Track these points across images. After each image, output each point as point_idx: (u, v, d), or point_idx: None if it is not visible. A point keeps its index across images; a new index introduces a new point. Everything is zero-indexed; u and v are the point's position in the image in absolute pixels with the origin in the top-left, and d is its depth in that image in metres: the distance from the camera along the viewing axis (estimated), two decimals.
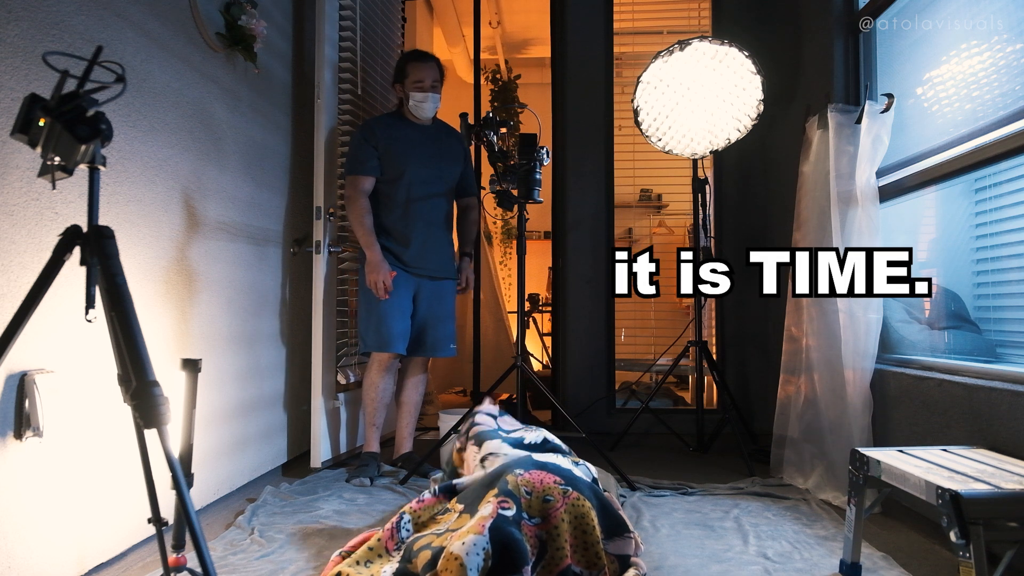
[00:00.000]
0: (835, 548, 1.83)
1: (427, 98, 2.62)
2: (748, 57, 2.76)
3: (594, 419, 3.47)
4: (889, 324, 2.41)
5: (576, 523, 1.48)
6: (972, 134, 1.98)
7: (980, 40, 2.07)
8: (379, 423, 2.66)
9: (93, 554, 1.62)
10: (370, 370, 2.66)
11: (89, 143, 1.13)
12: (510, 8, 5.63)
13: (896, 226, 2.50)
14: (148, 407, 1.10)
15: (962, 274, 2.26)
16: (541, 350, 5.46)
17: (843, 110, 2.45)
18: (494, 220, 6.39)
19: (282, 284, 2.73)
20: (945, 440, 1.89)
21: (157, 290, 1.90)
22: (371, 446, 2.67)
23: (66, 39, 1.54)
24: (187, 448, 1.43)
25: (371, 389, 2.65)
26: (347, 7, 2.87)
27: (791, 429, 2.57)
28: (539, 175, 2.59)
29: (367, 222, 2.56)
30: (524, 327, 2.85)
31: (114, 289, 1.14)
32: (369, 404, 2.66)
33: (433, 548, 1.39)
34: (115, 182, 1.72)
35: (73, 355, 1.54)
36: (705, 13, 3.69)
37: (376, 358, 2.63)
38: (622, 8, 3.72)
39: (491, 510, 1.41)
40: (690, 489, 2.44)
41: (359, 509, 2.22)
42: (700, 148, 2.95)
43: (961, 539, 1.24)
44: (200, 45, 2.12)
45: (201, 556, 1.11)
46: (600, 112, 3.64)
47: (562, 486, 1.51)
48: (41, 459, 1.46)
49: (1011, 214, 2.03)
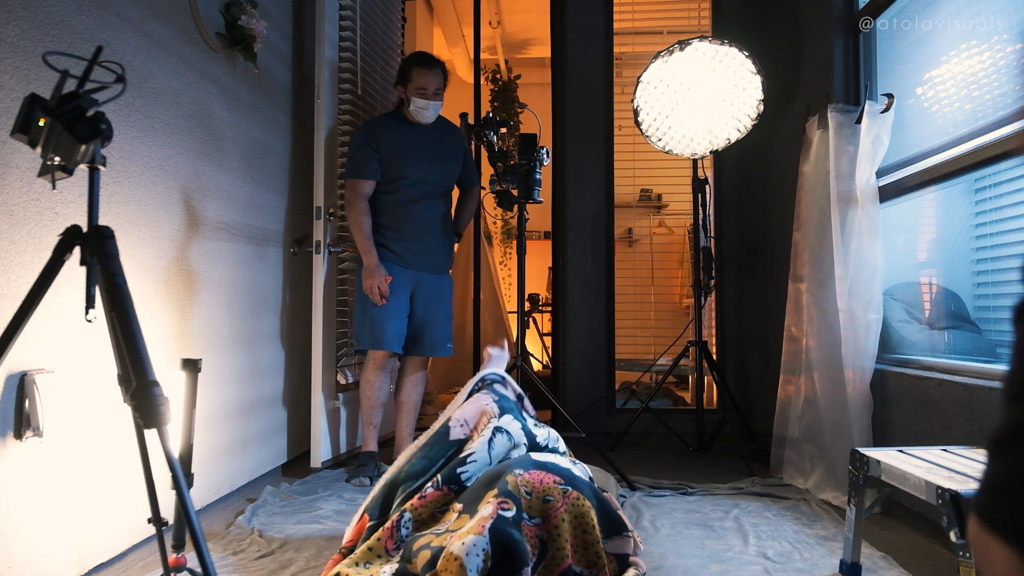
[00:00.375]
0: (835, 548, 1.83)
1: (429, 106, 2.61)
2: (748, 57, 2.76)
3: (594, 419, 3.47)
4: (889, 324, 2.41)
5: (576, 523, 1.48)
6: (972, 134, 1.98)
7: (980, 40, 2.07)
8: (376, 422, 2.66)
9: (93, 554, 1.62)
10: (366, 369, 2.66)
11: (89, 143, 1.13)
12: (510, 8, 5.63)
13: (896, 226, 2.50)
14: (148, 407, 1.10)
15: (962, 274, 2.26)
16: (541, 350, 5.46)
17: (843, 110, 2.45)
18: (494, 220, 6.39)
19: (282, 284, 2.73)
20: (945, 440, 1.89)
21: (157, 290, 1.90)
22: (369, 445, 2.66)
23: (66, 39, 1.54)
24: (187, 448, 1.43)
25: (367, 388, 2.65)
26: (347, 7, 2.87)
27: (791, 429, 2.57)
28: (539, 175, 2.59)
29: (365, 227, 2.56)
30: (524, 327, 2.85)
31: (114, 289, 1.14)
32: (366, 403, 2.66)
33: (432, 548, 1.39)
34: (115, 182, 1.72)
35: (73, 355, 1.54)
36: (705, 13, 3.69)
37: (372, 356, 2.63)
38: (622, 8, 3.72)
39: (491, 511, 1.40)
40: (690, 489, 2.44)
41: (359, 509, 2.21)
42: (700, 148, 2.95)
43: (961, 539, 1.24)
44: (200, 45, 2.12)
45: (201, 556, 1.11)
46: (600, 112, 3.64)
47: (562, 486, 1.51)
48: (41, 459, 1.46)
49: (1011, 214, 2.03)
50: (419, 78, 2.59)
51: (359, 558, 1.52)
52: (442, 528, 1.50)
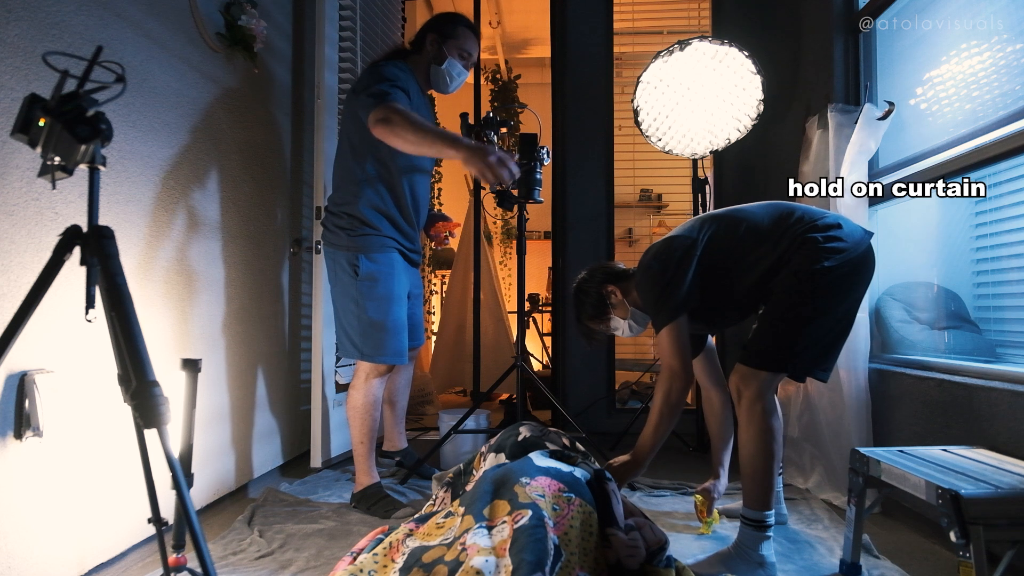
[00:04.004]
0: (835, 548, 1.83)
1: (463, 74, 2.30)
2: (748, 57, 2.76)
3: (594, 419, 3.47)
4: (889, 324, 2.41)
5: (582, 529, 1.48)
6: (972, 134, 1.98)
7: (980, 40, 2.07)
8: (373, 448, 2.27)
9: (93, 554, 1.62)
10: (368, 384, 2.20)
11: (89, 143, 1.12)
12: (510, 8, 5.63)
13: (896, 226, 2.50)
14: (148, 407, 1.10)
15: (962, 274, 2.26)
16: (541, 350, 5.46)
17: (843, 110, 2.45)
18: (494, 220, 6.39)
19: (282, 284, 2.73)
20: (945, 440, 1.88)
21: (157, 290, 1.90)
22: (374, 475, 2.25)
23: (66, 39, 1.54)
24: (187, 448, 1.43)
25: (371, 408, 2.21)
26: (347, 7, 2.87)
27: (791, 429, 2.57)
28: (539, 175, 2.59)
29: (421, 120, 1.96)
30: (524, 327, 2.85)
31: (114, 289, 1.14)
32: (368, 424, 2.21)
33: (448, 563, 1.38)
34: (115, 182, 1.72)
35: (73, 355, 1.54)
36: (705, 13, 3.69)
37: (374, 369, 2.20)
38: (622, 8, 3.72)
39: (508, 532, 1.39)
40: (690, 489, 2.44)
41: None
42: (700, 148, 2.95)
43: (961, 539, 1.24)
44: (200, 45, 2.12)
45: (201, 556, 1.11)
46: (600, 112, 3.64)
47: (566, 494, 1.50)
48: (41, 459, 1.46)
49: (1011, 214, 2.03)
50: (466, 39, 2.26)
51: (364, 565, 1.51)
52: (450, 536, 1.49)
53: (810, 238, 1.68)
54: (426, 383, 4.18)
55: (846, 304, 1.71)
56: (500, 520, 1.45)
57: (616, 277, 2.01)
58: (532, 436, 1.83)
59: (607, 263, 2.09)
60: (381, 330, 2.17)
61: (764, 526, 1.68)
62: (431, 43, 2.26)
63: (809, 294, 1.66)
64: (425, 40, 2.27)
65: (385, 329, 2.17)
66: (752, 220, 1.80)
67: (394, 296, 2.20)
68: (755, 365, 1.72)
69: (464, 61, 2.28)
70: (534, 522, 1.38)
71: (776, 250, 1.72)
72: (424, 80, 2.30)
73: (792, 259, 1.69)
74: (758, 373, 1.71)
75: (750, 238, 1.77)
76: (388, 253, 2.21)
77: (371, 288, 2.16)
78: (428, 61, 2.28)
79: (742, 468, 1.73)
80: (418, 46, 2.29)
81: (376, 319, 2.16)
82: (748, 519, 1.70)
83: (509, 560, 1.31)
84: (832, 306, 1.68)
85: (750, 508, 1.70)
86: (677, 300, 1.75)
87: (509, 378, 2.80)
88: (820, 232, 1.69)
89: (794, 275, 1.68)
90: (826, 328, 1.70)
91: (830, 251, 1.66)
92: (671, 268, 1.77)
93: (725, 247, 1.79)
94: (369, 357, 2.18)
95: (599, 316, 2.03)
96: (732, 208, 1.89)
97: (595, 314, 2.03)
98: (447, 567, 1.36)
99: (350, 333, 2.21)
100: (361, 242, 2.17)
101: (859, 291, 1.74)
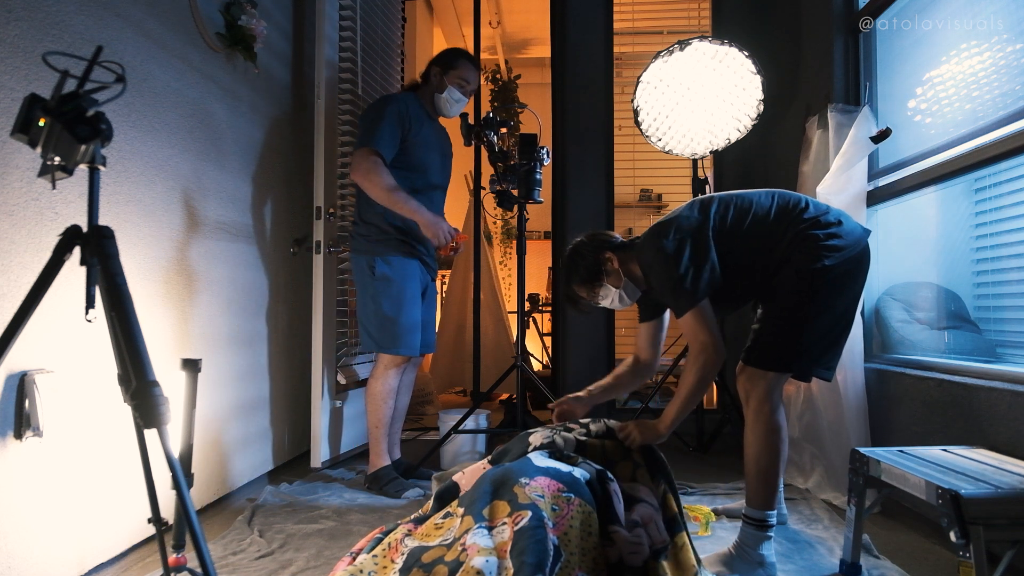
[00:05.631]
0: (835, 548, 1.83)
1: (462, 100, 2.53)
2: (748, 57, 2.76)
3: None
4: (889, 324, 2.41)
5: (582, 528, 1.47)
6: (972, 134, 1.98)
7: (980, 40, 2.07)
8: (387, 432, 2.50)
9: (93, 554, 1.62)
10: (385, 375, 2.45)
11: (89, 143, 1.12)
12: (510, 8, 5.63)
13: (896, 226, 2.50)
14: (148, 407, 1.10)
15: (962, 274, 2.26)
16: (541, 350, 5.46)
17: (843, 110, 2.45)
18: (494, 220, 6.39)
19: (282, 284, 2.73)
20: (945, 440, 1.89)
21: (157, 290, 1.90)
22: (386, 457, 2.49)
23: (66, 39, 1.54)
24: (187, 448, 1.43)
25: (387, 396, 2.46)
26: (347, 7, 2.87)
27: (791, 429, 2.56)
28: (539, 175, 2.59)
29: (397, 184, 2.32)
30: (524, 327, 2.84)
31: (114, 289, 1.14)
32: (384, 411, 2.46)
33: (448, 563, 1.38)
34: (115, 182, 1.72)
35: (73, 355, 1.54)
36: (705, 13, 3.69)
37: (392, 361, 2.44)
38: (622, 8, 3.72)
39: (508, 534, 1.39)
40: (690, 489, 2.44)
41: (359, 509, 2.22)
42: (700, 148, 2.95)
43: (961, 539, 1.24)
44: (200, 45, 2.12)
45: (201, 556, 1.11)
46: (600, 112, 3.64)
47: (565, 494, 1.50)
48: (41, 459, 1.46)
49: (1011, 214, 2.03)
50: (465, 70, 2.51)
51: (363, 566, 1.51)
52: (449, 537, 1.49)
53: (812, 235, 1.68)
54: (426, 383, 4.18)
55: (845, 301, 1.71)
56: (500, 521, 1.44)
57: (615, 247, 1.96)
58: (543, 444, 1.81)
59: (607, 232, 2.04)
60: (395, 324, 2.42)
61: (766, 526, 1.68)
62: (435, 75, 2.54)
63: (810, 292, 1.66)
64: (430, 73, 2.56)
65: (398, 324, 2.42)
66: (757, 213, 1.77)
67: (407, 295, 2.45)
68: (761, 365, 1.72)
69: (463, 89, 2.53)
70: (534, 523, 1.38)
71: (779, 246, 1.72)
72: (431, 107, 2.57)
73: (793, 256, 1.69)
74: (765, 374, 1.71)
75: (754, 231, 1.76)
76: (403, 258, 2.45)
77: (386, 287, 2.42)
78: (433, 90, 2.54)
79: (747, 466, 1.73)
80: (426, 78, 2.58)
81: (390, 314, 2.42)
82: (750, 518, 1.70)
83: (510, 562, 1.30)
84: (833, 304, 1.68)
85: (753, 507, 1.70)
86: (701, 284, 1.70)
87: (509, 378, 2.80)
88: (821, 229, 1.69)
89: (795, 273, 1.68)
90: (828, 325, 1.71)
91: (830, 249, 1.66)
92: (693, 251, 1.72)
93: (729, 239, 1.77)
94: (386, 349, 2.43)
95: (591, 281, 1.95)
96: (738, 194, 1.83)
97: (587, 278, 1.95)
98: (447, 567, 1.36)
99: (368, 327, 2.47)
100: (378, 247, 2.44)
101: (857, 288, 1.75)
